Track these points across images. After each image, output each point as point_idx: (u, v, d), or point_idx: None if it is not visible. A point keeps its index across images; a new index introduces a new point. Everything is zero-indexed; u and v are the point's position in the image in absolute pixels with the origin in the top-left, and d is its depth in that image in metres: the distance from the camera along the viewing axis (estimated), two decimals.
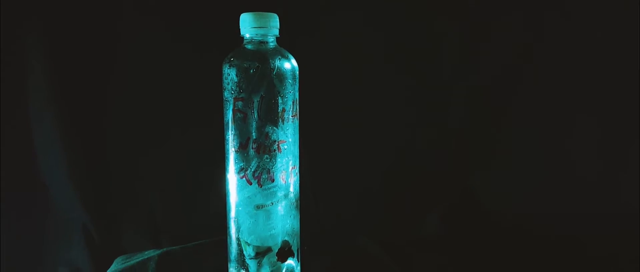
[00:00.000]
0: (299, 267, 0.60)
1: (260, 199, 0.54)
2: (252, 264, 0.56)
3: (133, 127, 0.79)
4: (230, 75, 0.53)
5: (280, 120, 0.54)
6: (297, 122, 0.57)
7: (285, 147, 0.55)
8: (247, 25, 0.54)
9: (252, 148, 0.53)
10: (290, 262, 0.58)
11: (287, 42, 0.58)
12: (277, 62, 0.53)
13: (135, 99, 0.78)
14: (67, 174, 0.77)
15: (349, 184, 0.85)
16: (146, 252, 0.76)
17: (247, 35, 0.55)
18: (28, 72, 0.74)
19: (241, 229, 0.56)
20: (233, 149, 0.54)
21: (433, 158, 0.86)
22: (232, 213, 0.57)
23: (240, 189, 0.55)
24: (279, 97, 0.53)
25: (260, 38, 0.54)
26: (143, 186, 0.80)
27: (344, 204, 0.86)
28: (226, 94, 0.54)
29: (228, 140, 0.55)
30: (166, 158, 0.80)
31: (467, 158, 0.86)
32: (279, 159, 0.54)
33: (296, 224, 0.59)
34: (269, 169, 0.54)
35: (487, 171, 0.87)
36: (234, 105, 0.53)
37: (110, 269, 0.73)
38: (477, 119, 0.85)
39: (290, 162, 0.56)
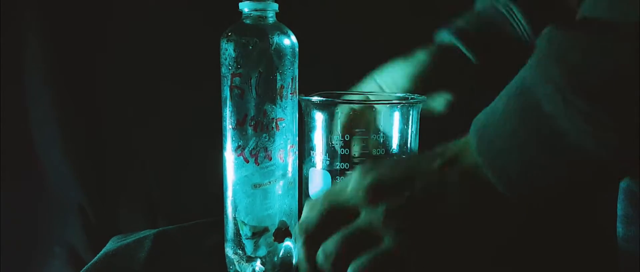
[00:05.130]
0: (296, 248, 0.59)
1: (258, 178, 0.53)
2: (248, 244, 0.55)
3: (129, 105, 0.78)
4: (227, 50, 0.52)
5: (278, 98, 0.52)
6: (296, 100, 0.56)
7: (284, 125, 0.54)
8: None
9: (250, 126, 0.52)
10: (288, 243, 0.57)
11: (287, 18, 0.56)
12: (276, 38, 0.52)
13: (132, 77, 0.77)
14: (63, 153, 0.76)
15: None
16: (142, 232, 0.76)
17: (246, 10, 0.53)
18: (24, 48, 0.73)
19: (238, 208, 0.55)
20: (230, 127, 0.53)
21: (433, 143, 0.85)
22: (229, 192, 0.56)
23: (237, 167, 0.54)
24: (278, 74, 0.52)
25: (258, 13, 0.53)
26: (139, 165, 0.80)
27: None
28: (223, 69, 0.53)
29: (225, 117, 0.54)
30: (163, 137, 0.79)
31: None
32: (277, 138, 0.53)
33: (294, 205, 0.58)
34: (266, 147, 0.53)
35: None
36: (231, 82, 0.51)
37: (105, 248, 0.73)
38: (479, 106, 0.84)
39: (289, 141, 0.55)
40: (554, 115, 0.32)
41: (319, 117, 0.61)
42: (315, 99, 0.60)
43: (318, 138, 0.61)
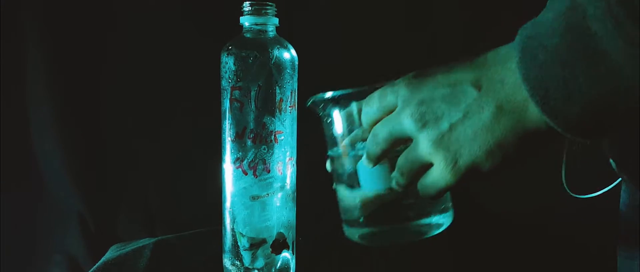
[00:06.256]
0: (293, 260, 0.60)
1: (256, 190, 0.54)
2: (246, 256, 0.56)
3: (130, 115, 0.78)
4: (228, 63, 0.52)
5: (277, 111, 0.53)
6: (295, 113, 0.56)
7: (282, 138, 0.54)
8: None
9: (249, 138, 0.53)
10: (285, 254, 0.57)
11: (287, 32, 0.57)
12: (276, 52, 0.53)
13: (133, 87, 0.77)
14: (63, 162, 0.77)
15: None
16: (141, 241, 0.76)
17: (247, 24, 0.54)
18: (26, 58, 0.74)
19: (236, 219, 0.55)
20: (229, 139, 0.54)
21: None
22: (228, 203, 0.56)
23: (236, 179, 0.54)
24: (277, 87, 0.53)
25: (259, 27, 0.53)
26: (139, 174, 0.80)
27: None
28: (224, 82, 0.53)
29: (224, 129, 0.54)
30: (163, 147, 0.79)
31: None
32: (275, 150, 0.54)
33: (292, 216, 0.58)
34: (265, 160, 0.53)
35: None
36: (231, 94, 0.52)
37: (105, 256, 0.73)
38: None
39: (288, 154, 0.55)
40: (600, 36, 0.32)
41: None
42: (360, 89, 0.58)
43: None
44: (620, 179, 0.56)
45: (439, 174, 0.44)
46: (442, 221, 0.63)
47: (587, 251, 0.79)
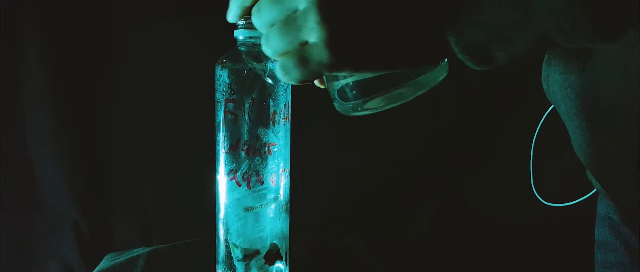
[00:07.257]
0: (287, 271, 0.60)
1: (250, 201, 0.54)
2: (239, 266, 0.56)
3: (126, 124, 0.79)
4: (222, 76, 0.53)
5: (271, 123, 0.54)
6: (288, 125, 0.57)
7: (276, 149, 0.55)
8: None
9: (242, 150, 0.53)
10: (279, 265, 0.58)
11: None
12: (270, 65, 0.53)
13: (129, 97, 0.78)
14: (59, 170, 0.77)
15: (339, 185, 0.85)
16: (135, 250, 0.76)
17: (241, 37, 0.54)
18: (24, 66, 0.74)
19: (230, 230, 0.56)
20: (223, 151, 0.54)
21: (423, 160, 0.86)
22: (221, 214, 0.56)
23: (229, 190, 0.55)
24: (271, 100, 0.53)
25: (253, 40, 0.54)
26: (135, 184, 0.80)
27: (334, 205, 0.86)
28: (218, 95, 0.54)
29: (219, 141, 0.55)
30: (159, 156, 0.80)
31: (456, 160, 0.87)
32: (269, 162, 0.54)
33: (285, 227, 0.59)
34: (258, 171, 0.54)
35: (476, 173, 0.87)
36: (225, 107, 0.53)
37: (99, 265, 0.73)
38: (468, 121, 0.85)
39: (281, 165, 0.56)
40: None
41: None
42: None
43: None
44: (596, 189, 0.57)
45: (315, 52, 0.34)
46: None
47: (564, 260, 0.79)
